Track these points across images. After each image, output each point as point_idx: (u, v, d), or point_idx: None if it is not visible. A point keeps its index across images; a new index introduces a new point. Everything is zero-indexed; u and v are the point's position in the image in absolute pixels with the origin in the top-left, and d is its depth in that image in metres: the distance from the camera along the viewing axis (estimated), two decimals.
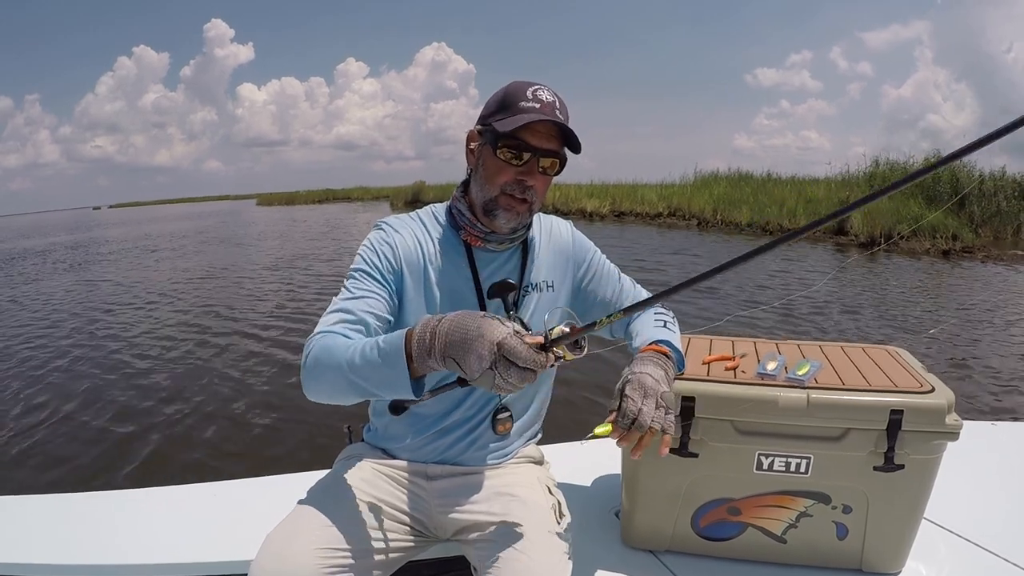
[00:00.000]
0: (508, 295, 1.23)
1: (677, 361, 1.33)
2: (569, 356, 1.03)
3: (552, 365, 1.01)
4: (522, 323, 1.18)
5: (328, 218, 31.10)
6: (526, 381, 0.96)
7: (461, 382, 1.04)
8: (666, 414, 1.15)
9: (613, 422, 1.15)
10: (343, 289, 1.29)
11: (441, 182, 33.62)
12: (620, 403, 1.15)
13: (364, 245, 1.35)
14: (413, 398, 1.05)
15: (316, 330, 1.19)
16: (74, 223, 49.23)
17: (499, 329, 0.96)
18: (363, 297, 1.26)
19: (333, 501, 1.26)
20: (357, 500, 1.27)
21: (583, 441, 1.07)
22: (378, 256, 1.32)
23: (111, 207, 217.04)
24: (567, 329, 1.01)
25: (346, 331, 1.18)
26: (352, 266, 1.33)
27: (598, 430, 1.16)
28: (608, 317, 1.00)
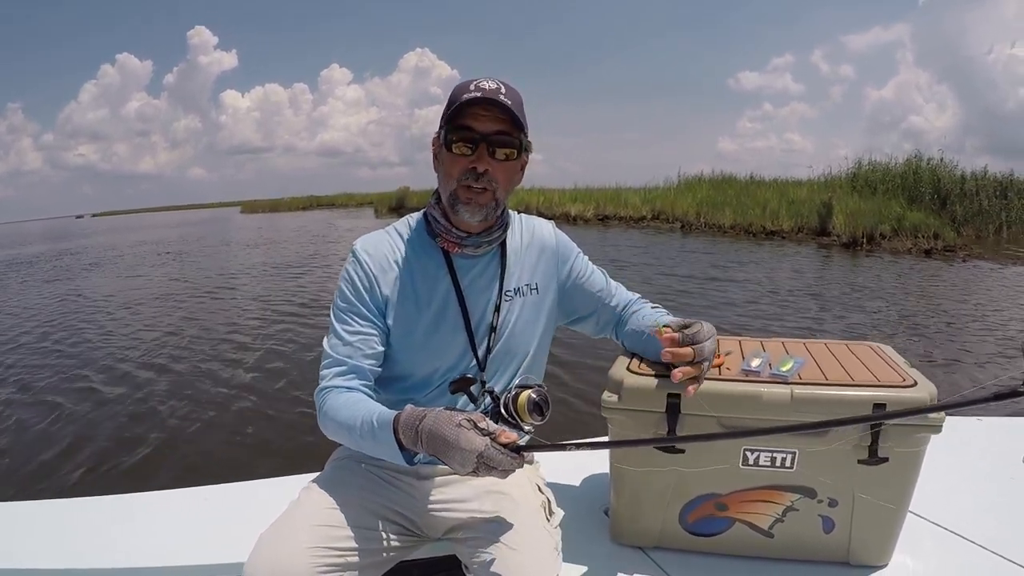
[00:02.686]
0: (471, 388, 1.26)
1: None
2: (536, 422, 1.18)
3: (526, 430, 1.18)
4: (492, 395, 1.25)
5: (322, 222, 31.34)
6: (505, 476, 1.08)
7: None
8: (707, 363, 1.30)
9: (675, 331, 1.29)
10: (331, 330, 1.35)
11: (426, 188, 33.51)
12: (686, 324, 1.31)
13: (342, 277, 1.37)
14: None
15: (320, 384, 1.31)
16: (50, 235, 48.39)
17: (476, 441, 1.05)
18: (350, 343, 1.32)
19: (325, 502, 1.26)
20: (349, 501, 1.28)
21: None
22: (357, 289, 1.34)
23: (94, 216, 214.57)
24: (535, 396, 1.17)
25: (343, 384, 1.29)
26: (335, 302, 1.37)
27: (661, 323, 1.32)
28: (579, 442, 1.19)
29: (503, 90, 1.26)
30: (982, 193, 16.13)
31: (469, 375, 1.21)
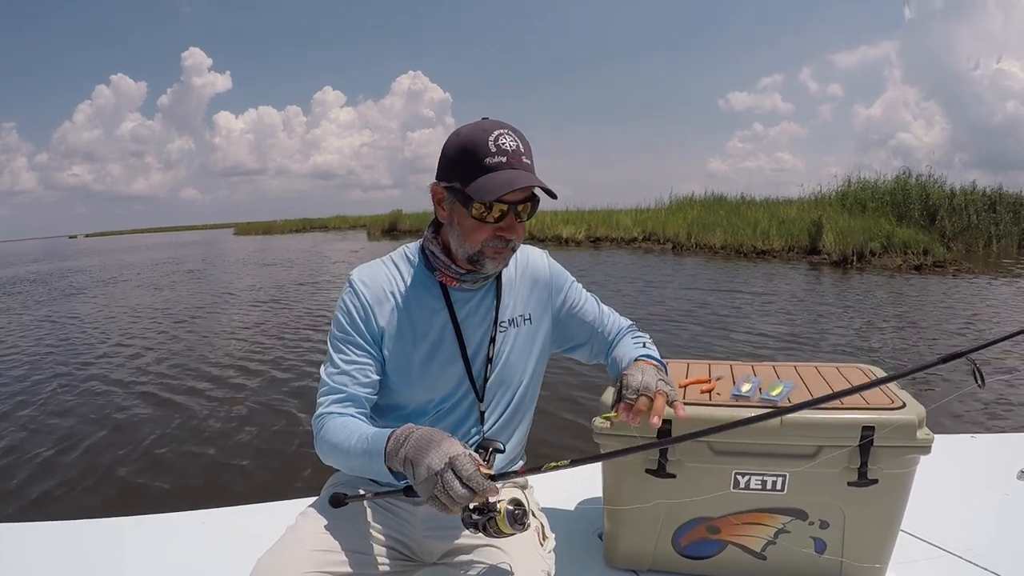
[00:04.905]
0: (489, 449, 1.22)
1: (663, 370, 1.37)
2: (517, 532, 1.11)
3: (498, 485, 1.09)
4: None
5: (323, 243, 31.67)
6: (462, 500, 1.04)
7: (407, 491, 1.15)
8: (668, 385, 1.27)
9: (618, 402, 1.25)
10: (328, 359, 1.36)
11: (418, 210, 33.63)
12: (620, 384, 1.27)
13: (339, 307, 1.37)
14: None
15: (317, 410, 1.32)
16: (53, 254, 48.05)
17: (456, 448, 1.07)
18: (346, 371, 1.33)
19: (322, 527, 1.26)
20: (345, 526, 1.28)
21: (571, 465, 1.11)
22: (353, 320, 1.35)
23: (88, 236, 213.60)
24: (512, 508, 1.11)
25: (339, 411, 1.30)
26: (332, 331, 1.38)
27: (598, 421, 1.30)
28: (555, 464, 1.10)
29: (522, 148, 1.24)
30: (971, 208, 16.25)
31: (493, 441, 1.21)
